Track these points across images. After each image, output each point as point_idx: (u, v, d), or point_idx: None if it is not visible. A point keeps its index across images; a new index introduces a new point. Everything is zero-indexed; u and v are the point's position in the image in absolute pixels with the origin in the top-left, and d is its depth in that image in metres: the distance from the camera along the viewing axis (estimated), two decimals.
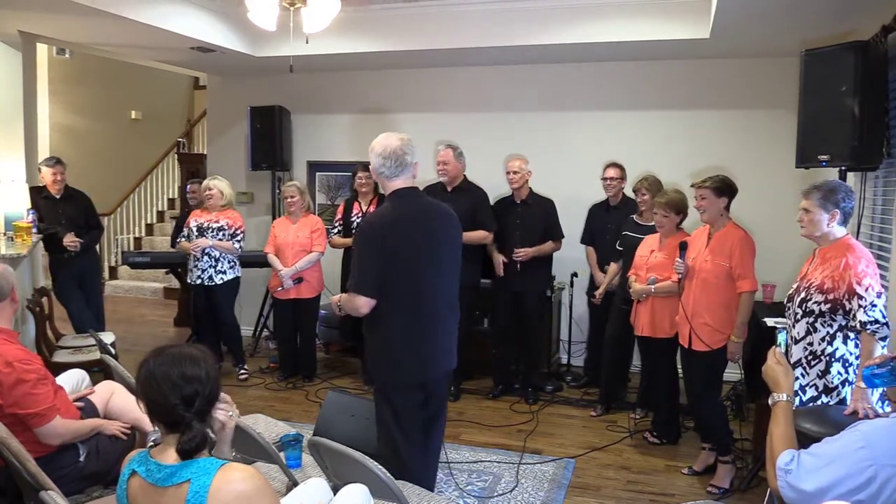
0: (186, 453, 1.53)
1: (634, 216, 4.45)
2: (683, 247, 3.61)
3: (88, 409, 2.79)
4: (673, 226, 3.93)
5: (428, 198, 2.82)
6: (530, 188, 4.77)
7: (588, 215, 5.01)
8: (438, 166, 4.71)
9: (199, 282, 5.04)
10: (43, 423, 2.41)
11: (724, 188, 3.45)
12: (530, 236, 4.70)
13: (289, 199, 5.10)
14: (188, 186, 6.21)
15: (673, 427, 4.09)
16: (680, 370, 3.95)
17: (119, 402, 2.85)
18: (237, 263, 5.17)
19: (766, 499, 2.07)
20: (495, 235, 4.73)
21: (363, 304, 2.58)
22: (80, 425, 2.59)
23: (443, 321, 2.74)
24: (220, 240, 5.00)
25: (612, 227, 4.77)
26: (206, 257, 4.99)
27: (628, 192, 4.79)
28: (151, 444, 1.67)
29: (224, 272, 5.06)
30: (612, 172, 4.77)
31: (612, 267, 4.63)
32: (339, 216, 5.15)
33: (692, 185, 3.58)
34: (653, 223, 4.17)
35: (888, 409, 2.45)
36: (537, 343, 4.92)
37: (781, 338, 2.25)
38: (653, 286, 3.84)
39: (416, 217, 2.66)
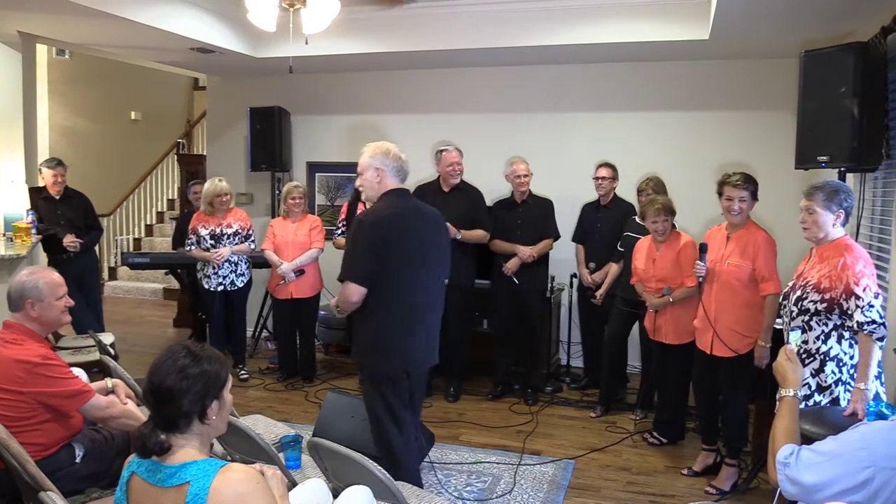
0: (139, 450, 1.57)
1: (636, 217, 4.45)
2: (704, 248, 3.47)
3: None
4: (670, 229, 3.93)
5: (416, 200, 2.99)
6: (530, 189, 4.78)
7: (580, 214, 5.03)
8: (451, 167, 4.70)
9: (220, 288, 5.03)
10: (85, 399, 2.45)
11: (756, 189, 3.34)
12: (531, 236, 4.71)
13: (296, 200, 5.08)
14: (191, 188, 6.04)
15: (676, 426, 4.08)
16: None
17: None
18: (251, 263, 5.21)
19: (774, 499, 2.08)
20: (496, 235, 4.74)
21: (354, 292, 2.72)
22: (130, 407, 2.66)
23: (428, 318, 2.91)
24: (235, 244, 5.04)
25: (602, 226, 4.82)
26: (226, 263, 5.01)
27: (627, 192, 4.81)
28: None
29: (243, 274, 5.13)
30: (604, 172, 4.78)
31: (613, 267, 4.63)
32: (342, 217, 5.12)
33: (727, 184, 3.31)
34: None
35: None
36: (537, 344, 4.92)
37: (794, 336, 2.29)
38: (670, 297, 3.79)
39: (409, 216, 2.83)
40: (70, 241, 5.05)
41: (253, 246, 5.18)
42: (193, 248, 5.05)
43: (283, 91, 6.24)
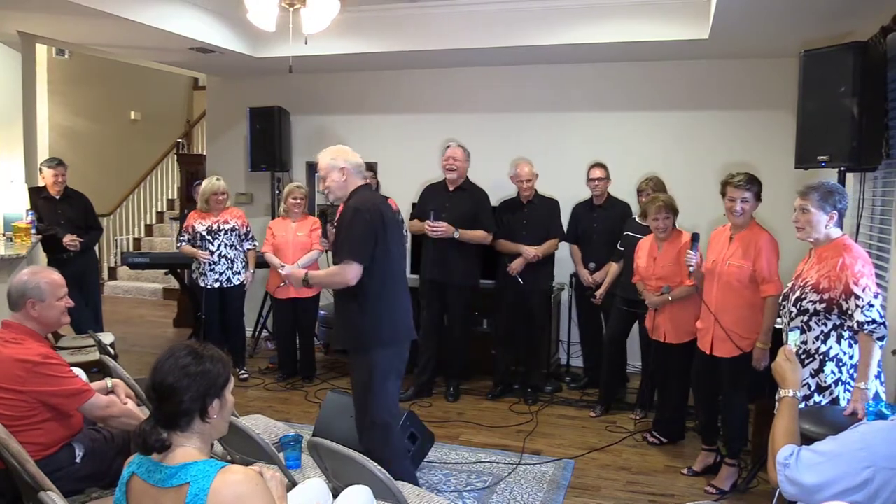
0: (140, 446, 1.58)
1: (636, 216, 4.45)
2: (696, 238, 3.49)
3: None
4: (671, 227, 3.93)
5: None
6: (535, 189, 4.78)
7: (572, 214, 5.02)
8: (448, 161, 4.70)
9: (216, 285, 5.02)
10: (85, 398, 2.45)
11: (760, 190, 3.33)
12: (536, 236, 4.71)
13: (298, 201, 5.09)
14: (195, 187, 5.96)
15: (676, 425, 4.07)
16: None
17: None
18: (247, 262, 5.22)
19: (774, 499, 2.08)
20: (501, 235, 4.74)
21: (356, 273, 2.88)
22: (130, 407, 2.67)
23: (408, 297, 3.15)
24: (234, 240, 5.04)
25: (598, 226, 4.82)
26: (222, 260, 5.00)
27: (627, 192, 4.81)
28: None
29: (239, 272, 5.11)
30: (598, 173, 4.78)
31: (613, 267, 4.63)
32: (339, 215, 5.13)
33: (730, 184, 3.30)
34: None
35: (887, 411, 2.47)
36: (538, 343, 4.92)
37: (792, 336, 2.29)
38: (669, 296, 3.78)
39: (384, 206, 3.07)
40: (70, 239, 5.05)
41: (256, 244, 5.19)
42: (184, 244, 5.05)
43: (283, 91, 6.23)
